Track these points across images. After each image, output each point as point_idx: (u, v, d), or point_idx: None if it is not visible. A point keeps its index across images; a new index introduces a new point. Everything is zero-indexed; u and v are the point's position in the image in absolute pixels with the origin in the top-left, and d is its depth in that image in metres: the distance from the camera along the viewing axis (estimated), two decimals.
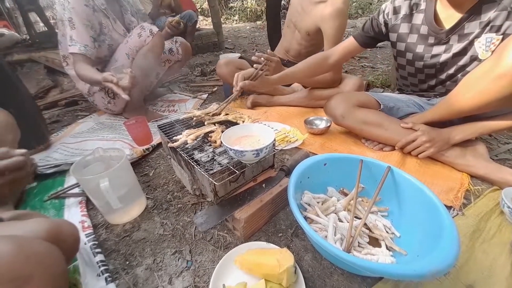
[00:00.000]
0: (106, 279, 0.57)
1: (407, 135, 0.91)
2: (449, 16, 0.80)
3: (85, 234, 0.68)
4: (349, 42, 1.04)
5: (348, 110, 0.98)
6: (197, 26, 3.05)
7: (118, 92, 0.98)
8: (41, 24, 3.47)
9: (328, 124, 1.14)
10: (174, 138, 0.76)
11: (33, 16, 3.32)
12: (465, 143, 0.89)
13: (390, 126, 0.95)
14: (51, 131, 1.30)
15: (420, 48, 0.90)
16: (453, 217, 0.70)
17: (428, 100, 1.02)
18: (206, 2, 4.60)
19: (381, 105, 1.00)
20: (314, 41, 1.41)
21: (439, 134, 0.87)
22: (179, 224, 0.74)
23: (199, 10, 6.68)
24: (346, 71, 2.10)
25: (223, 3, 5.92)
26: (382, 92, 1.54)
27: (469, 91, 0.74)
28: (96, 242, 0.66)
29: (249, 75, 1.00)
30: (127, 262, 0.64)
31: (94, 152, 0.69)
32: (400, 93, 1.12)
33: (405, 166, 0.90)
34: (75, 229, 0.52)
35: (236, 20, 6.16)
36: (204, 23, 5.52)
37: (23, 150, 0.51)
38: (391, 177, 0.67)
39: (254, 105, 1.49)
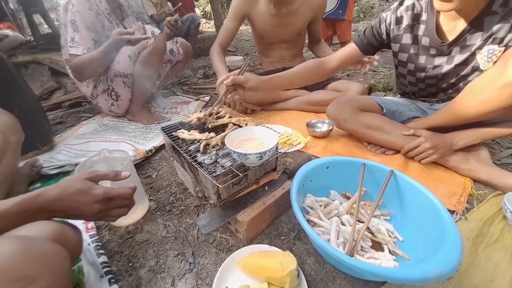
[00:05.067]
0: (109, 280, 0.57)
1: (410, 140, 0.91)
2: (451, 29, 0.80)
3: (89, 235, 0.69)
4: (350, 48, 1.03)
5: (351, 114, 0.99)
6: (199, 29, 3.07)
7: (139, 38, 1.04)
8: (45, 26, 3.50)
9: (330, 128, 1.15)
10: (176, 133, 0.77)
11: (38, 18, 3.35)
12: (468, 148, 0.89)
13: (393, 131, 0.95)
14: (55, 132, 1.31)
15: (422, 59, 0.90)
16: (456, 222, 0.70)
17: (431, 105, 1.02)
18: (209, 5, 4.64)
19: (384, 109, 1.01)
20: (303, 33, 1.48)
21: (442, 140, 0.87)
22: (181, 226, 0.74)
23: (201, 13, 6.73)
24: (347, 75, 2.11)
25: (225, 6, 5.95)
26: (384, 96, 1.55)
27: (473, 99, 0.74)
28: (100, 243, 0.67)
29: (234, 74, 0.88)
30: (130, 264, 0.64)
31: (100, 153, 0.70)
32: (402, 97, 1.12)
33: (408, 170, 0.90)
34: (79, 232, 0.53)
35: None
36: (207, 26, 5.56)
37: (133, 186, 0.54)
38: (394, 181, 0.67)
39: (254, 110, 1.48)
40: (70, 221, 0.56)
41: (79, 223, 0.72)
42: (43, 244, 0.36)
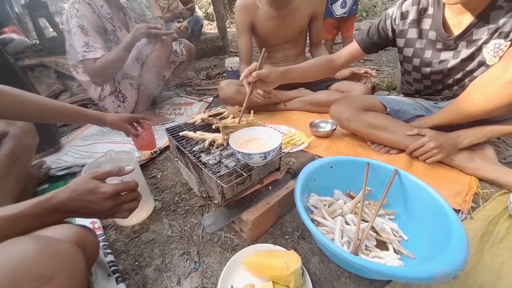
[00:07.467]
0: (116, 279, 0.58)
1: (414, 139, 0.91)
2: (457, 23, 0.80)
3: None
4: (353, 47, 1.05)
5: (354, 113, 0.98)
6: (202, 30, 3.10)
7: (166, 33, 1.26)
8: (51, 30, 3.55)
9: (334, 127, 1.14)
10: (182, 133, 0.78)
11: (43, 22, 3.40)
12: (473, 147, 0.88)
13: (397, 130, 0.95)
14: (61, 134, 1.33)
15: (428, 54, 0.90)
16: (461, 221, 0.69)
17: (435, 103, 1.02)
18: (211, 7, 4.67)
19: (387, 108, 1.00)
20: (305, 32, 1.48)
21: (447, 139, 0.86)
22: (186, 226, 0.75)
23: (204, 14, 6.75)
24: None
25: (228, 7, 5.97)
26: (388, 95, 1.54)
27: (478, 96, 0.74)
28: (107, 243, 0.68)
29: (254, 67, 0.85)
30: (137, 263, 0.65)
31: (106, 154, 0.71)
32: (406, 96, 1.12)
33: (412, 169, 0.90)
34: (97, 237, 0.55)
35: None
36: (209, 28, 5.58)
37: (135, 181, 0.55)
38: (398, 180, 0.67)
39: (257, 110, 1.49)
40: (77, 219, 0.58)
41: (87, 223, 0.74)
42: (58, 244, 0.37)
